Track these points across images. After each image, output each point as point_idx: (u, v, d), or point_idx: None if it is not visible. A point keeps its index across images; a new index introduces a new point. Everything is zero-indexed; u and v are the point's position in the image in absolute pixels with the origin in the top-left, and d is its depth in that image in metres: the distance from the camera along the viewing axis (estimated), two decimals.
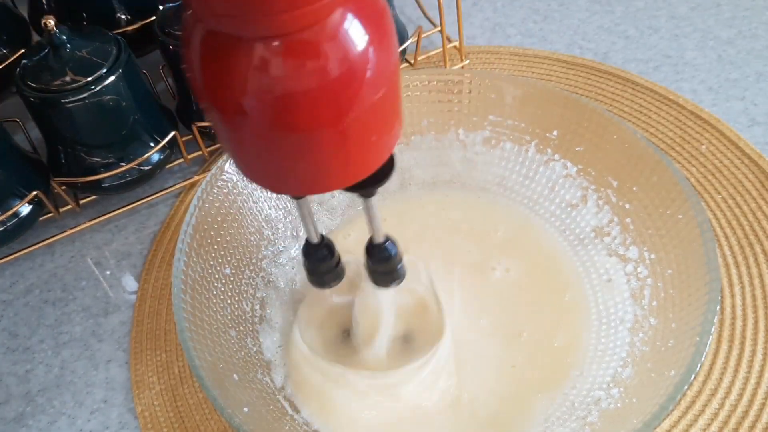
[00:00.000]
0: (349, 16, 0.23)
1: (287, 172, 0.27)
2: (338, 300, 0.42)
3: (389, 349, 0.40)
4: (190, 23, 0.24)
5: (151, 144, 0.52)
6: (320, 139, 0.25)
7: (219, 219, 0.42)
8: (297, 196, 0.32)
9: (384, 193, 0.49)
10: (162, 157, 0.53)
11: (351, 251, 0.39)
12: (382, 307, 0.40)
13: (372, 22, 0.24)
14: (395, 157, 0.30)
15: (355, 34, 0.23)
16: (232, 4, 0.21)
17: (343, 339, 0.42)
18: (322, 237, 0.35)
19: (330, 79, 0.23)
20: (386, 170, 0.29)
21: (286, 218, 0.46)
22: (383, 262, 0.35)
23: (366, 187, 0.30)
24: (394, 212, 0.48)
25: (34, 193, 0.50)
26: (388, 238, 0.35)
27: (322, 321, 0.42)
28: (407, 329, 0.41)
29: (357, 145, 0.26)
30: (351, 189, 0.30)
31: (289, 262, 0.46)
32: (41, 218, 0.53)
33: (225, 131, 0.26)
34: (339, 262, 0.37)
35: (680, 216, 0.38)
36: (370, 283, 0.37)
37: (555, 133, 0.45)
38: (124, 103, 0.49)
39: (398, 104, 0.28)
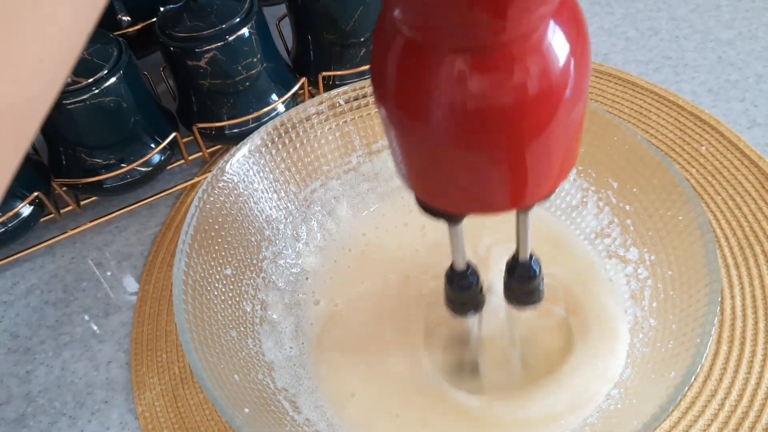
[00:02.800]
0: (555, 28, 0.22)
1: (457, 189, 0.26)
2: (470, 323, 0.39)
3: (517, 373, 0.39)
4: (386, 30, 0.23)
5: (152, 145, 0.52)
6: (503, 158, 0.24)
7: (220, 220, 0.42)
8: (457, 220, 0.30)
9: (384, 194, 0.49)
10: (163, 158, 0.54)
11: None
12: (514, 329, 0.39)
13: (574, 32, 0.22)
14: None
15: (559, 47, 0.22)
16: (434, 16, 0.20)
17: (469, 365, 0.40)
18: (468, 265, 0.33)
19: (528, 95, 0.22)
20: None
21: (286, 219, 0.46)
22: (526, 281, 0.33)
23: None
24: (393, 216, 0.48)
25: (35, 194, 0.51)
26: (532, 256, 0.33)
27: (448, 345, 0.41)
28: (532, 350, 0.40)
29: (538, 168, 0.25)
30: None
31: (289, 264, 0.46)
32: (42, 219, 0.53)
33: (403, 140, 0.25)
34: (482, 290, 0.35)
35: (680, 217, 0.38)
36: (502, 304, 0.36)
37: None
38: (124, 105, 0.49)
39: (582, 126, 0.26)
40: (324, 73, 0.56)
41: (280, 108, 0.54)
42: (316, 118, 0.46)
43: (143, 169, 0.52)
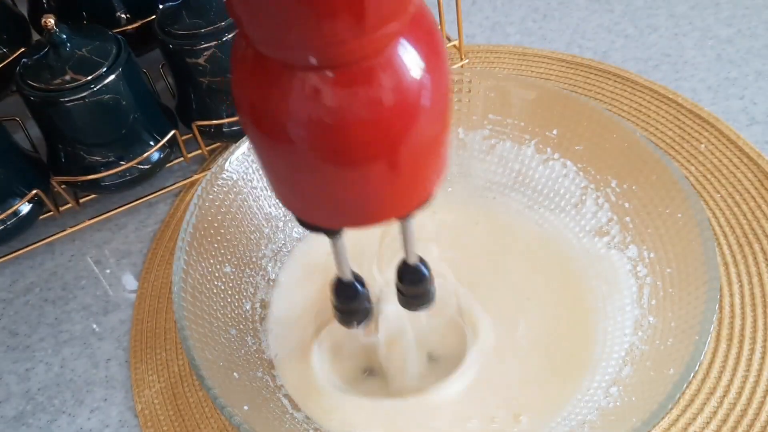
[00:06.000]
0: (407, 46, 0.22)
1: (329, 204, 0.26)
2: (364, 336, 0.40)
3: (420, 375, 0.39)
4: (241, 45, 0.23)
5: (151, 143, 0.52)
6: (368, 172, 0.24)
7: (219, 217, 0.42)
8: (335, 233, 0.30)
9: None
10: (162, 155, 0.53)
11: None
12: (410, 333, 0.39)
13: (428, 51, 0.23)
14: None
15: (412, 64, 0.22)
16: (285, 34, 0.20)
17: (367, 376, 0.40)
18: (355, 275, 0.34)
19: (384, 110, 0.22)
20: None
21: (286, 216, 0.46)
22: (416, 285, 0.34)
23: None
24: None
25: (34, 191, 0.51)
26: (421, 260, 0.33)
27: (344, 356, 0.41)
28: (433, 351, 0.41)
29: (407, 179, 0.25)
30: None
31: (289, 262, 0.46)
32: (41, 217, 0.53)
33: (269, 158, 0.25)
34: (369, 300, 0.35)
35: (679, 215, 0.38)
36: (397, 308, 0.36)
37: (555, 132, 0.45)
38: (123, 102, 0.49)
39: (448, 134, 0.26)
40: None
41: None
42: None
43: (142, 166, 0.52)
